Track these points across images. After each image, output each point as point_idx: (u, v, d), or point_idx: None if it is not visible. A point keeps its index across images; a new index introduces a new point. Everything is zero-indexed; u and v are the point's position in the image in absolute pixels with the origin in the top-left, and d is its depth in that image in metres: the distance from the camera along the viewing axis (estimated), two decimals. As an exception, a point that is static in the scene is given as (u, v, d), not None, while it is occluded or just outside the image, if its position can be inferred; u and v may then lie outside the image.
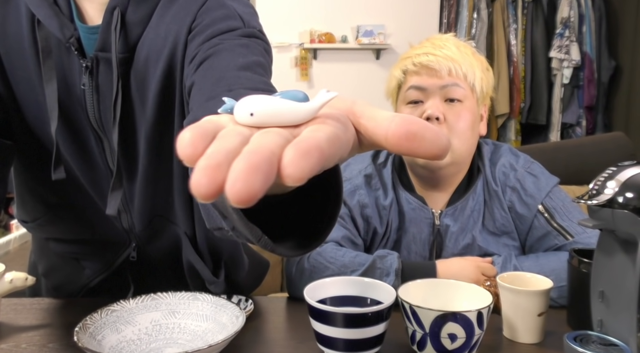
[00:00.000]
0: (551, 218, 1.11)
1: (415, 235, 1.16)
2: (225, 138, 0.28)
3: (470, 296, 0.89)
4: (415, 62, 1.11)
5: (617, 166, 0.81)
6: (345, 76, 4.18)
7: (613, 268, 0.83)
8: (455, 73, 1.09)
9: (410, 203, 1.16)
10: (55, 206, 1.05)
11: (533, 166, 1.17)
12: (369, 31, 4.09)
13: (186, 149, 0.27)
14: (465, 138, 1.11)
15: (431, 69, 1.10)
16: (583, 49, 4.35)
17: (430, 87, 1.10)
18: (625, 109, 4.36)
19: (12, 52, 0.92)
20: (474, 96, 1.12)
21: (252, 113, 0.30)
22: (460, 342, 0.81)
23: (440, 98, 1.10)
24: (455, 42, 1.14)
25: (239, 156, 0.25)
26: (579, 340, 0.80)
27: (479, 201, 1.15)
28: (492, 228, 1.14)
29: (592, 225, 0.80)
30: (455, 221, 1.14)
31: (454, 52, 1.10)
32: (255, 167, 0.24)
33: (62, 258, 1.13)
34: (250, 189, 0.24)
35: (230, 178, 0.24)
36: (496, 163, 1.17)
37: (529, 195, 1.13)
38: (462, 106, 1.10)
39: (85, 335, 0.81)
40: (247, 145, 0.27)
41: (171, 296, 0.94)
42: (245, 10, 0.90)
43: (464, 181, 1.17)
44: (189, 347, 0.84)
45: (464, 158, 1.14)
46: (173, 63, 0.88)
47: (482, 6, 4.29)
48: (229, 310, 0.90)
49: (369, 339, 0.82)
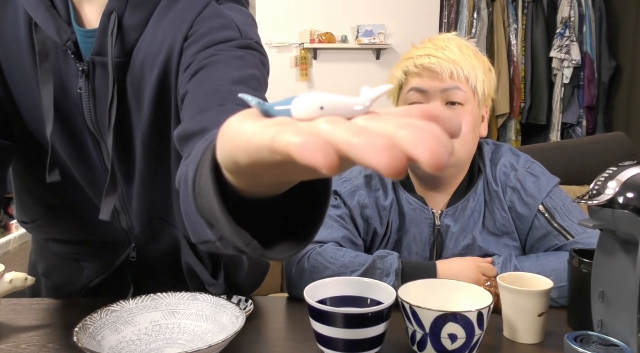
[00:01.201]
0: (551, 218, 1.11)
1: (416, 235, 1.16)
2: (359, 125, 0.29)
3: (470, 297, 0.89)
4: (417, 64, 1.11)
5: (618, 166, 0.81)
6: (345, 75, 4.18)
7: (613, 268, 0.82)
8: (457, 76, 1.08)
9: (410, 204, 1.16)
10: (55, 207, 1.05)
11: (533, 166, 1.17)
12: (369, 31, 4.09)
13: (319, 156, 0.26)
14: (466, 140, 1.11)
15: (433, 72, 1.09)
16: (583, 49, 4.34)
17: (432, 89, 1.10)
18: (626, 109, 4.36)
19: (9, 54, 0.92)
20: (476, 98, 1.11)
21: (322, 107, 0.32)
22: (460, 342, 0.81)
23: (441, 101, 1.10)
24: (458, 42, 1.13)
25: (416, 131, 0.26)
26: (580, 340, 0.80)
27: (479, 201, 1.15)
28: (493, 229, 1.14)
29: (592, 225, 0.80)
30: (456, 221, 1.14)
31: (456, 53, 1.09)
32: (436, 137, 0.26)
33: (62, 259, 1.13)
34: (441, 153, 0.25)
35: (423, 146, 0.25)
36: (497, 163, 1.17)
37: (530, 195, 1.13)
38: (464, 109, 1.10)
39: (85, 335, 0.81)
40: (395, 127, 0.27)
41: (171, 296, 0.94)
42: (243, 20, 0.89)
43: (465, 182, 1.17)
44: (189, 347, 0.84)
45: (464, 160, 1.14)
46: (168, 69, 0.88)
47: (482, 6, 4.29)
48: (228, 310, 0.89)
49: (368, 339, 0.82)
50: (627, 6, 4.32)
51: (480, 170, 1.17)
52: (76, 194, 1.02)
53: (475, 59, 1.11)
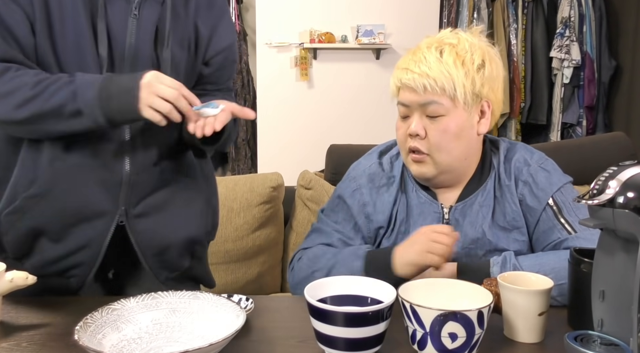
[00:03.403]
0: (559, 211, 1.13)
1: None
2: None
3: (471, 296, 0.89)
4: (398, 78, 1.15)
5: (618, 166, 0.81)
6: (345, 75, 4.17)
7: (614, 268, 0.83)
8: (431, 89, 1.10)
9: (420, 197, 1.19)
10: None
11: (547, 162, 1.19)
12: (369, 31, 4.08)
13: None
14: (450, 148, 1.13)
15: (409, 87, 1.13)
16: (583, 49, 4.34)
17: (412, 104, 1.13)
18: (626, 109, 4.36)
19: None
20: (457, 104, 1.11)
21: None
22: (460, 341, 0.81)
23: (420, 114, 1.13)
24: (439, 48, 1.12)
25: None
26: (580, 339, 0.80)
27: (488, 196, 1.16)
28: (503, 223, 1.15)
29: (592, 225, 0.80)
30: (464, 216, 1.16)
31: (430, 66, 1.10)
32: None
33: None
34: None
35: None
36: (511, 159, 1.19)
37: (541, 189, 1.15)
38: (445, 120, 1.11)
39: (86, 333, 0.81)
40: None
41: (172, 295, 0.94)
42: None
43: (475, 178, 1.19)
44: (190, 345, 0.84)
45: (455, 166, 1.15)
46: None
47: (482, 6, 4.28)
48: (229, 308, 0.90)
49: (369, 338, 0.82)
50: (627, 6, 4.31)
51: (492, 167, 1.19)
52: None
53: (453, 66, 1.10)
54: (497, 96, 1.18)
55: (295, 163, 3.17)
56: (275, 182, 1.88)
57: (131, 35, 1.07)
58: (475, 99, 1.13)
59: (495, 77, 1.16)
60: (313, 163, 2.69)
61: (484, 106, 1.16)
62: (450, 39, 1.15)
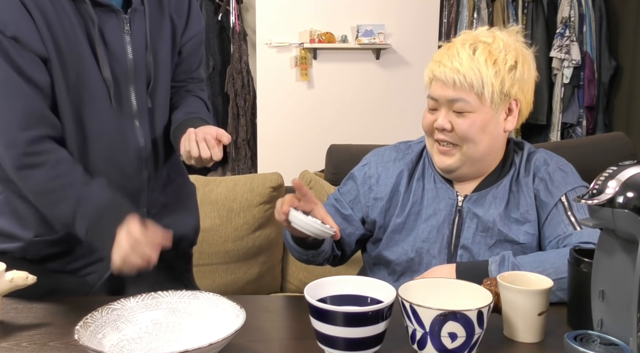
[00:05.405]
0: (569, 208, 1.15)
1: (437, 211, 1.20)
2: None
3: (471, 295, 0.89)
4: (431, 69, 1.18)
5: (618, 166, 0.81)
6: (345, 75, 4.17)
7: (613, 268, 0.83)
8: (459, 84, 1.13)
9: (437, 183, 1.22)
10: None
11: (566, 166, 1.22)
12: (369, 31, 4.08)
13: None
14: (478, 140, 1.15)
15: (439, 81, 1.16)
16: (583, 49, 4.34)
17: (440, 98, 1.16)
18: (626, 109, 4.36)
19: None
20: (484, 102, 1.14)
21: None
22: (460, 341, 0.81)
23: (448, 109, 1.16)
24: (473, 45, 1.15)
25: None
26: (580, 339, 0.80)
27: (504, 189, 1.19)
28: (516, 215, 1.17)
29: (592, 225, 0.81)
30: (477, 205, 1.18)
31: (462, 62, 1.13)
32: None
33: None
34: None
35: None
36: (531, 158, 1.22)
37: (555, 186, 1.17)
38: (472, 116, 1.14)
39: (86, 333, 0.81)
40: None
41: (171, 295, 0.94)
42: None
43: (495, 173, 1.21)
44: (190, 345, 0.84)
45: (479, 158, 1.18)
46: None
47: (482, 6, 4.28)
48: (229, 308, 0.90)
49: (369, 338, 0.82)
50: (627, 6, 4.31)
51: (513, 164, 1.22)
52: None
53: (484, 64, 1.13)
54: (527, 97, 1.21)
55: (295, 163, 3.17)
56: (275, 182, 1.88)
57: (129, 51, 1.10)
58: (504, 98, 1.16)
59: (526, 78, 1.18)
60: (313, 163, 2.70)
61: (511, 104, 1.18)
62: (486, 37, 1.17)
